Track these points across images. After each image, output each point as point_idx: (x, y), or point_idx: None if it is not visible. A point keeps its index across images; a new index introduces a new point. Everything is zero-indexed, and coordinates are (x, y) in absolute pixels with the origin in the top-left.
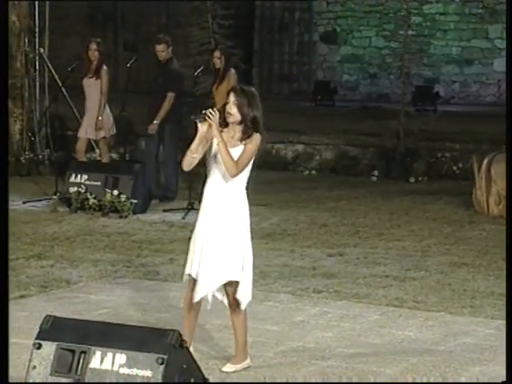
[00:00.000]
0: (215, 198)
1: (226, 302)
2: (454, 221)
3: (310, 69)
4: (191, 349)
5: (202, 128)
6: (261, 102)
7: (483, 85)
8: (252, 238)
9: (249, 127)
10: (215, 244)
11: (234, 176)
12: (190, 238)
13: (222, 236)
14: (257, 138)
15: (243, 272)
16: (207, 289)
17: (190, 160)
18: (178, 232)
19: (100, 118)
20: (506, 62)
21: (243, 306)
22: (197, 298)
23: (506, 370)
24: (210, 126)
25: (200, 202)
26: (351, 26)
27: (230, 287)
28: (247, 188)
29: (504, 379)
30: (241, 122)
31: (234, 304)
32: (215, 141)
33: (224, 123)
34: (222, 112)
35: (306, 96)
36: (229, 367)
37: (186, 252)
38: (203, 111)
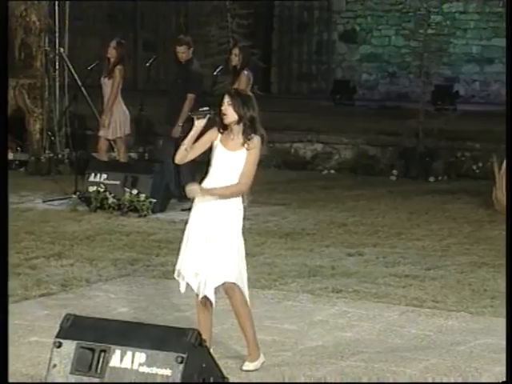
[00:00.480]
0: (208, 199)
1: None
2: (474, 220)
3: (329, 68)
4: (211, 350)
5: (198, 124)
6: (280, 101)
7: (504, 84)
8: (271, 237)
9: (248, 126)
10: (212, 245)
11: (246, 190)
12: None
13: (218, 237)
14: (257, 142)
15: (240, 272)
16: (203, 288)
17: (184, 153)
18: None
19: (104, 116)
20: (506, 61)
21: (247, 301)
22: (201, 296)
23: (506, 370)
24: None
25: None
26: (370, 25)
27: (228, 288)
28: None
29: None
30: (239, 122)
31: (235, 304)
32: (215, 143)
33: (223, 125)
34: (219, 115)
35: (325, 95)
36: (247, 365)
37: None
38: (201, 109)
